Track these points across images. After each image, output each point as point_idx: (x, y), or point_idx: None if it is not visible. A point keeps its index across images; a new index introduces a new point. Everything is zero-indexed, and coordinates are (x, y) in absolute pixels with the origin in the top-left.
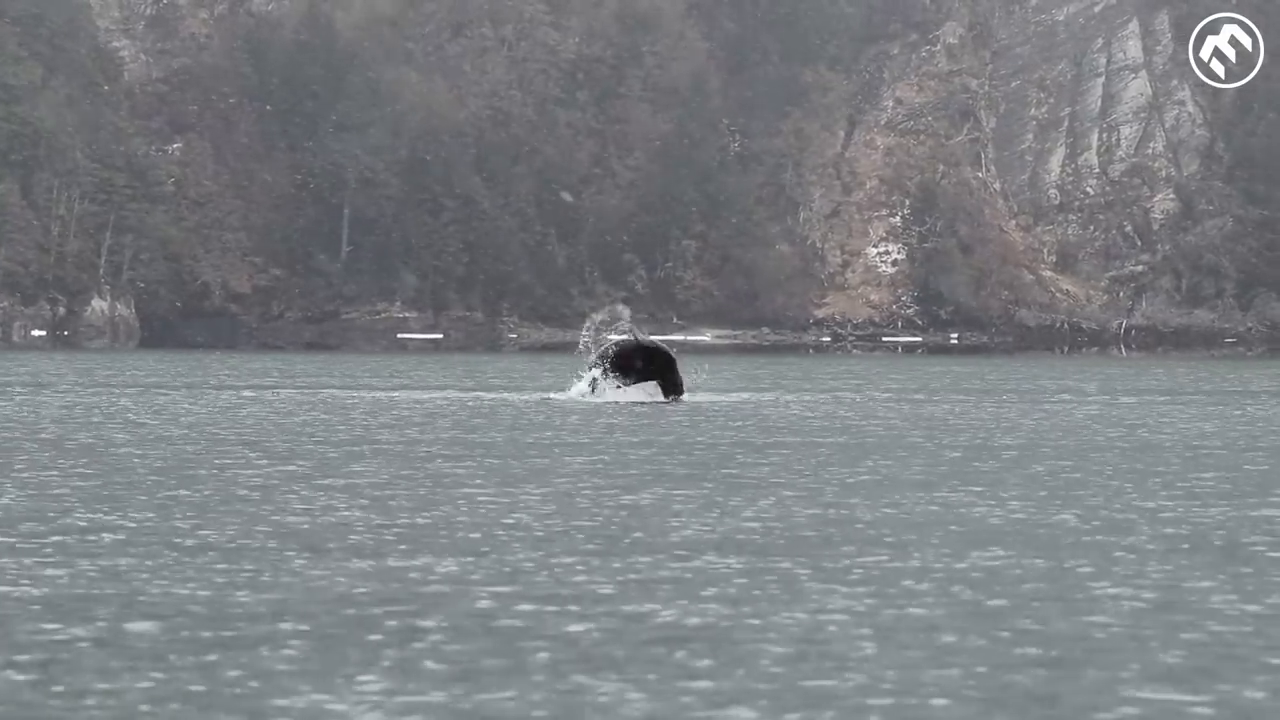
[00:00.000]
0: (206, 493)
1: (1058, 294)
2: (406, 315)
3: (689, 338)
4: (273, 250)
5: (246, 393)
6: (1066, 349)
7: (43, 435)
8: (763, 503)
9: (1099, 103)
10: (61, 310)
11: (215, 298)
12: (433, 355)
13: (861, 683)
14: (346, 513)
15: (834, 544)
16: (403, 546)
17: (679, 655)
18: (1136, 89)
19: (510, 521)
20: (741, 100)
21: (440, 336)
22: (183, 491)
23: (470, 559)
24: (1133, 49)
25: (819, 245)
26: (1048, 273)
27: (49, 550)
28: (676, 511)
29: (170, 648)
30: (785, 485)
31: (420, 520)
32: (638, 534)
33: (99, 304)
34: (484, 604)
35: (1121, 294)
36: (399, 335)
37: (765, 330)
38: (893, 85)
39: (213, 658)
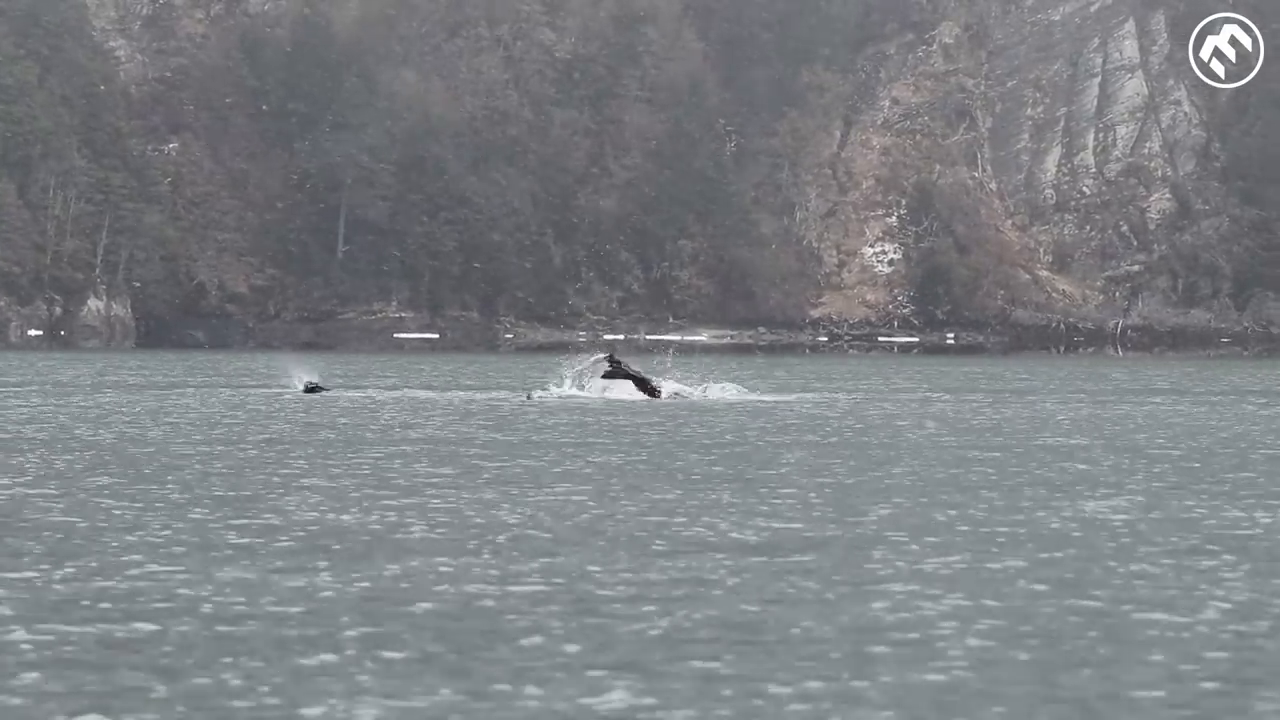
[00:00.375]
0: (247, 493)
1: (1054, 294)
2: (403, 315)
3: (685, 338)
4: (269, 250)
5: (263, 391)
6: (1062, 349)
7: (82, 437)
8: (810, 500)
9: (1095, 103)
10: (58, 310)
11: (212, 297)
12: (442, 355)
13: (978, 685)
14: (396, 514)
15: (902, 542)
16: (458, 546)
17: (768, 651)
18: (1133, 89)
19: (567, 522)
20: (738, 100)
21: (436, 336)
22: (237, 492)
23: (531, 560)
24: (1129, 49)
25: (815, 245)
26: (1044, 272)
27: (114, 553)
28: (731, 510)
29: (255, 645)
30: (832, 485)
31: (465, 520)
32: (695, 530)
33: (95, 304)
34: (548, 605)
35: (1118, 294)
36: (395, 335)
37: (761, 330)
38: (889, 85)
39: (286, 657)
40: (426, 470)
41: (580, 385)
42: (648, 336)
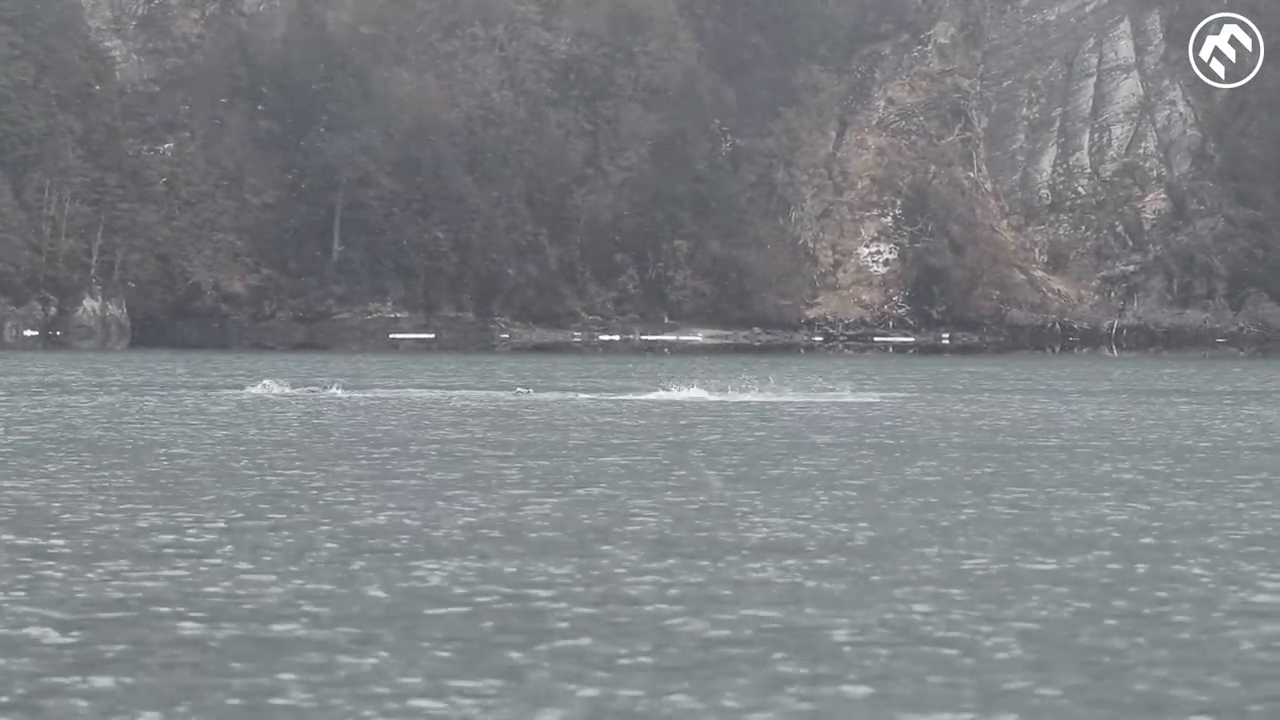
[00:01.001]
0: (298, 496)
1: (1049, 294)
2: (398, 315)
3: (681, 338)
4: (264, 250)
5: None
6: (1058, 349)
7: (101, 438)
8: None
9: (1090, 103)
10: (53, 310)
11: (207, 298)
12: (441, 356)
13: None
14: (429, 515)
15: (945, 544)
16: (506, 547)
17: (862, 653)
18: (1128, 89)
19: (603, 523)
20: (733, 100)
21: (432, 337)
22: (274, 493)
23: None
24: (1124, 49)
25: (811, 245)
26: (1039, 273)
27: (174, 553)
28: (767, 511)
29: (302, 647)
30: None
31: (521, 520)
32: (733, 531)
33: (90, 304)
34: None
35: (1113, 294)
36: (391, 335)
37: (757, 330)
38: (884, 85)
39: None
40: (454, 473)
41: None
42: (643, 337)
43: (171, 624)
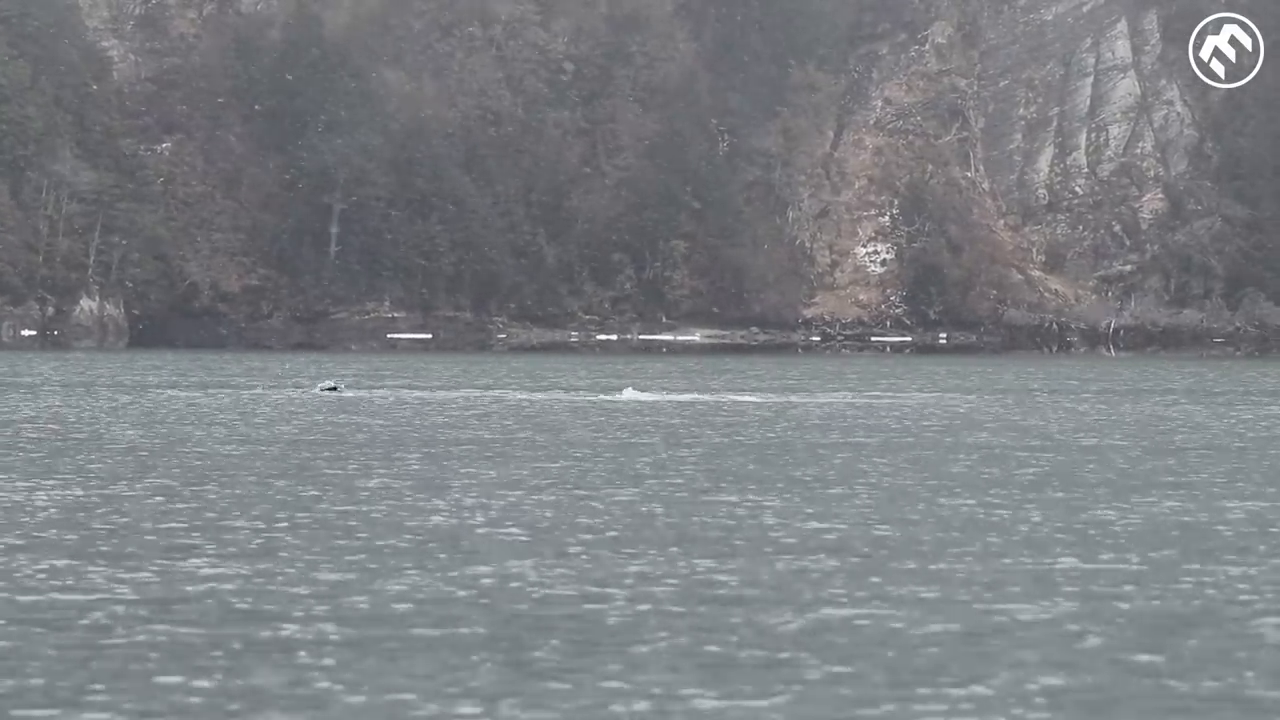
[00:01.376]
0: (336, 497)
1: (1046, 294)
2: (395, 315)
3: (678, 337)
4: (261, 250)
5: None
6: (1055, 349)
7: (119, 438)
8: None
9: (1088, 102)
10: (50, 310)
11: (204, 297)
12: (483, 357)
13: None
14: (471, 515)
15: (985, 542)
16: (547, 548)
17: (927, 655)
18: (1125, 89)
19: (648, 523)
20: (730, 100)
21: (429, 336)
22: (312, 494)
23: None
24: (1121, 49)
25: (808, 245)
26: (1036, 272)
27: (257, 550)
28: (800, 510)
29: (364, 647)
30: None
31: (553, 521)
32: (779, 531)
33: (88, 303)
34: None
35: (1110, 294)
36: (388, 335)
37: (754, 330)
38: (882, 85)
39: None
40: (490, 471)
41: None
42: (640, 337)
43: (260, 623)
